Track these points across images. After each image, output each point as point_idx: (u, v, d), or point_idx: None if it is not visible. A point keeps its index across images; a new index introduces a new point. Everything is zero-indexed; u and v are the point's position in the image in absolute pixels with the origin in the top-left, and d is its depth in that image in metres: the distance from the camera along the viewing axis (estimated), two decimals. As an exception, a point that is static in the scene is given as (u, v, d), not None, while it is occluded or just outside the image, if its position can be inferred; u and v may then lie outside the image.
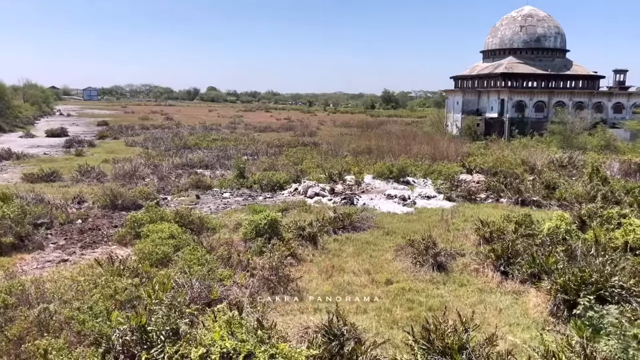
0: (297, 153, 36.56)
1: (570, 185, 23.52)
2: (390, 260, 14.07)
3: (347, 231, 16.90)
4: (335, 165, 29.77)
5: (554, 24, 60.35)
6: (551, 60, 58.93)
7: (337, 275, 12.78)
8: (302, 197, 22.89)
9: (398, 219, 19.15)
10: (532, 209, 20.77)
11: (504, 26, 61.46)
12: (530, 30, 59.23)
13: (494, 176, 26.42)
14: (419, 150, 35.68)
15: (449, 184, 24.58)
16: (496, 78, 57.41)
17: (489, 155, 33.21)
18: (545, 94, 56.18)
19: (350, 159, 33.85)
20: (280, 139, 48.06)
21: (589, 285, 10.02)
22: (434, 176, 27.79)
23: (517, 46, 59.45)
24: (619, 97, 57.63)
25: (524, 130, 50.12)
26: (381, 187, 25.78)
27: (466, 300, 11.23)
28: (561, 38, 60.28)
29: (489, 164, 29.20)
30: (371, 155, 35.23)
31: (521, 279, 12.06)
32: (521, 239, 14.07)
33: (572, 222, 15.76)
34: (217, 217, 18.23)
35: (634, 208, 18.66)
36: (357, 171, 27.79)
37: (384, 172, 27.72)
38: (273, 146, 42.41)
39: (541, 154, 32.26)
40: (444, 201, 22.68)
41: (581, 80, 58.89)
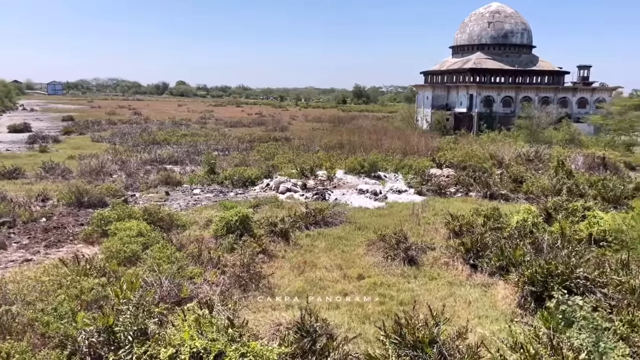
0: (268, 148, 36.36)
1: (536, 178, 24.05)
2: (362, 255, 14.13)
3: (319, 226, 16.90)
4: (307, 160, 29.71)
5: (520, 20, 61.48)
6: (518, 56, 60.06)
7: (310, 271, 12.76)
8: (274, 192, 22.77)
9: (370, 213, 19.24)
10: (500, 202, 21.16)
11: (472, 22, 62.28)
12: (497, 26, 60.20)
13: (464, 170, 26.82)
14: (390, 145, 35.91)
15: (419, 179, 24.83)
16: (465, 73, 58.22)
17: (458, 149, 33.67)
18: (512, 89, 57.25)
19: (322, 154, 33.83)
20: (252, 134, 47.73)
21: (555, 277, 10.26)
22: (405, 171, 28.03)
23: (485, 42, 60.36)
24: (583, 92, 59.18)
25: (492, 125, 51.02)
26: (353, 182, 25.87)
27: (437, 294, 11.36)
28: (527, 34, 61.46)
29: (459, 159, 29.61)
30: (343, 150, 35.30)
31: (490, 272, 12.26)
32: (490, 232, 14.32)
33: (539, 215, 16.12)
34: (187, 214, 17.98)
35: (597, 201, 19.24)
36: (329, 166, 27.79)
37: (356, 167, 27.83)
38: (244, 141, 42.05)
39: (509, 149, 32.90)
40: (414, 195, 22.90)
41: (547, 76, 60.22)
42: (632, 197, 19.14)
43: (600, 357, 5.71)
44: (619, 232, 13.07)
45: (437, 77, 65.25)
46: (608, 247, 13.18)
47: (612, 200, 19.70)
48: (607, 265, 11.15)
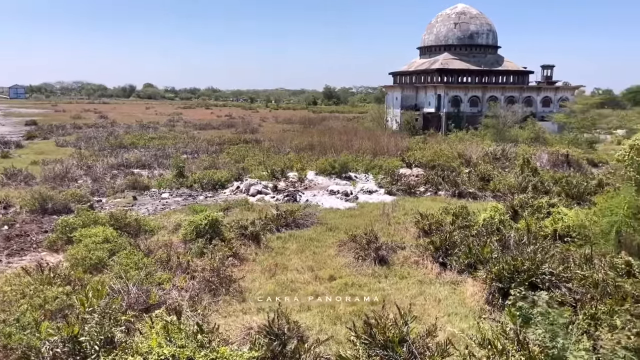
0: (238, 150, 36.10)
1: (503, 176, 24.55)
2: (333, 256, 14.15)
3: (291, 228, 16.86)
4: (278, 162, 29.61)
5: (485, 21, 62.71)
6: (484, 57, 61.23)
7: (281, 274, 12.71)
8: (245, 195, 22.61)
9: (341, 214, 19.30)
10: (468, 200, 21.52)
11: (439, 23, 63.21)
12: (463, 27, 61.26)
13: (433, 170, 27.17)
14: (361, 146, 36.11)
15: (389, 179, 25.03)
16: (433, 74, 59.03)
17: (427, 149, 34.09)
18: (479, 89, 58.32)
19: (292, 155, 33.77)
20: (221, 137, 47.30)
21: (522, 273, 10.48)
22: (375, 171, 28.23)
23: (451, 43, 61.33)
24: (547, 91, 60.73)
25: (460, 125, 51.87)
26: (324, 183, 25.90)
27: (407, 293, 11.46)
28: (493, 35, 62.73)
29: (428, 158, 29.99)
30: (314, 151, 35.31)
31: (459, 269, 12.44)
32: (458, 231, 14.54)
33: (506, 212, 16.45)
34: (156, 219, 17.68)
35: (561, 197, 19.73)
36: (300, 168, 27.78)
37: (327, 168, 27.88)
38: (214, 144, 41.66)
39: (476, 147, 33.49)
40: (385, 195, 23.07)
41: (512, 76, 61.58)
42: (595, 193, 19.67)
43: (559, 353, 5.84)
44: (582, 228, 13.44)
45: (405, 78, 65.97)
46: (572, 242, 13.53)
47: (576, 196, 20.25)
48: (572, 260, 11.44)
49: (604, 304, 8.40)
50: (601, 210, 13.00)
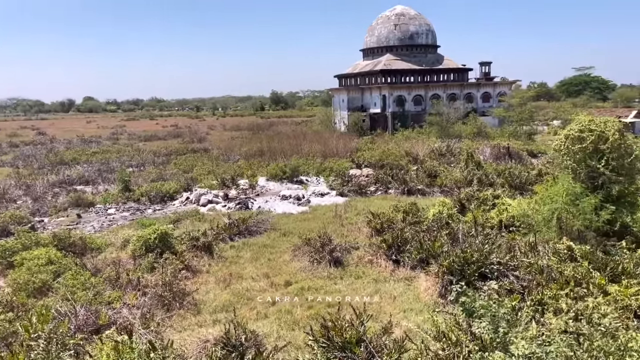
0: (186, 160, 35.42)
1: (449, 172, 25.24)
2: (288, 261, 14.09)
3: (244, 236, 16.69)
4: (228, 170, 29.28)
5: (424, 22, 64.34)
6: (425, 56, 62.77)
7: (236, 283, 12.55)
8: (195, 205, 22.19)
9: (294, 218, 19.27)
10: (417, 197, 21.98)
11: (379, 25, 64.33)
12: (403, 28, 62.61)
13: (382, 169, 27.59)
14: (310, 149, 36.23)
15: (340, 180, 25.23)
16: (377, 75, 59.97)
17: (375, 149, 34.61)
18: (422, 88, 59.73)
19: (242, 162, 33.48)
20: (168, 147, 46.26)
21: (471, 265, 10.78)
22: (326, 173, 28.38)
23: (393, 44, 62.54)
24: (486, 87, 62.93)
25: (406, 123, 52.93)
26: (275, 188, 25.80)
27: (363, 292, 11.56)
28: (432, 35, 64.44)
29: (376, 158, 30.45)
30: (264, 157, 35.12)
31: (412, 265, 12.67)
32: (409, 227, 14.82)
33: (453, 206, 16.92)
34: (102, 236, 17.06)
35: (505, 188, 20.50)
36: (251, 174, 27.56)
37: (278, 174, 27.79)
38: (160, 155, 40.70)
39: (422, 145, 34.29)
40: (337, 197, 23.22)
41: (452, 74, 63.42)
42: (535, 182, 20.53)
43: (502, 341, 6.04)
44: (526, 217, 13.98)
45: (351, 80, 66.71)
46: (517, 231, 14.07)
47: (518, 187, 21.08)
48: (517, 249, 11.90)
49: (550, 289, 8.77)
50: (542, 199, 13.58)
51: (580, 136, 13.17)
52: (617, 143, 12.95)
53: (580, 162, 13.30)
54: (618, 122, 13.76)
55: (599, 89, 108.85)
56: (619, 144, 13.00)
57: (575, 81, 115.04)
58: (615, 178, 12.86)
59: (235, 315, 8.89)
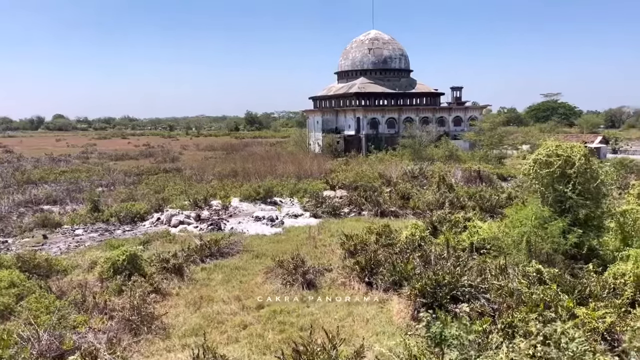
0: (158, 180, 34.93)
1: (422, 194, 25.49)
2: (260, 283, 13.92)
3: (216, 258, 16.46)
4: (200, 190, 28.96)
5: (397, 47, 65.68)
6: (398, 80, 63.93)
7: (206, 306, 12.31)
8: (166, 226, 21.83)
9: (267, 240, 19.13)
10: (390, 219, 22.08)
11: (354, 49, 65.39)
12: (377, 52, 63.77)
13: (355, 190, 27.71)
14: (285, 170, 36.20)
15: (314, 201, 25.21)
16: (351, 98, 60.72)
17: (349, 170, 34.81)
18: (395, 111, 60.67)
19: (215, 183, 33.19)
20: (140, 167, 45.63)
21: (443, 287, 10.83)
22: (300, 194, 28.34)
23: (367, 67, 63.59)
24: (458, 111, 64.32)
25: (379, 146, 53.51)
26: (249, 209, 25.61)
27: (335, 315, 11.47)
28: (405, 59, 65.78)
29: (350, 179, 30.60)
30: (237, 178, 34.91)
31: (384, 288, 12.66)
32: (382, 249, 14.85)
33: (426, 228, 17.05)
34: (69, 258, 16.58)
35: (476, 211, 20.78)
36: (224, 195, 27.31)
37: (251, 194, 27.62)
38: (131, 174, 40.06)
39: (395, 167, 34.64)
40: (310, 218, 23.17)
41: (425, 97, 64.65)
42: (505, 205, 20.91)
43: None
44: (496, 240, 14.16)
45: (325, 102, 67.32)
46: (488, 254, 14.21)
47: (489, 209, 21.43)
48: (488, 271, 12.02)
49: (519, 311, 8.86)
50: (512, 222, 13.79)
51: (548, 161, 13.52)
52: (583, 168, 13.33)
53: (548, 186, 13.63)
54: (584, 147, 14.19)
55: (565, 115, 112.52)
56: (585, 168, 13.39)
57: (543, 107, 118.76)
58: (582, 202, 13.21)
59: (205, 340, 8.70)
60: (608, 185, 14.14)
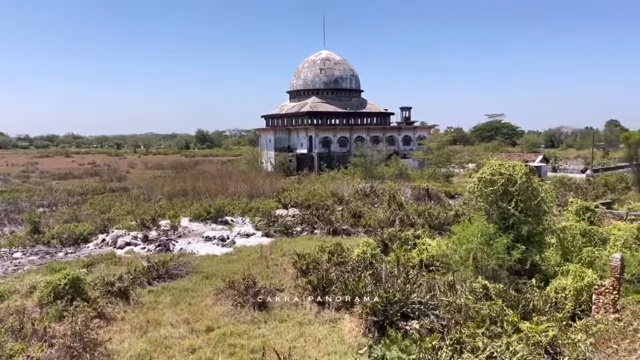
0: (103, 200, 33.75)
1: (373, 212, 25.81)
2: (210, 305, 13.62)
3: (164, 280, 16.01)
4: (149, 210, 28.20)
5: (348, 67, 66.89)
6: (349, 100, 64.97)
7: (153, 330, 11.91)
8: (111, 248, 21.08)
9: (218, 260, 18.79)
10: (342, 237, 22.20)
11: (305, 69, 66.08)
12: (328, 72, 64.70)
13: (308, 209, 27.72)
14: (236, 189, 35.81)
15: (266, 220, 25.04)
16: (303, 116, 61.13)
17: (302, 189, 34.81)
18: (347, 130, 61.51)
19: (164, 202, 32.40)
20: (84, 186, 43.98)
21: (394, 305, 10.94)
22: (252, 213, 28.08)
23: (318, 87, 64.34)
24: (407, 131, 65.93)
25: (332, 164, 53.97)
26: (199, 229, 25.12)
27: (287, 336, 11.34)
28: (356, 80, 67.03)
29: (303, 198, 30.61)
30: (187, 197, 34.22)
31: (336, 307, 12.66)
32: (334, 268, 14.87)
33: (377, 246, 17.23)
34: (6, 282, 15.67)
35: (425, 228, 21.21)
36: (173, 215, 26.67)
37: (202, 214, 27.14)
38: (75, 194, 38.56)
39: (347, 186, 34.96)
40: (262, 238, 22.97)
41: (375, 117, 65.95)
42: (453, 223, 21.43)
43: None
44: (444, 257, 14.50)
45: (277, 121, 67.44)
46: (436, 270, 14.52)
47: (437, 227, 21.92)
48: (437, 288, 12.25)
49: (467, 327, 9.05)
50: (459, 239, 14.16)
51: (492, 179, 14.03)
52: (524, 186, 13.91)
53: (492, 204, 14.12)
54: (525, 166, 14.82)
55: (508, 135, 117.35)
56: (526, 186, 13.97)
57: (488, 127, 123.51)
58: (524, 219, 13.75)
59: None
60: (548, 203, 14.80)
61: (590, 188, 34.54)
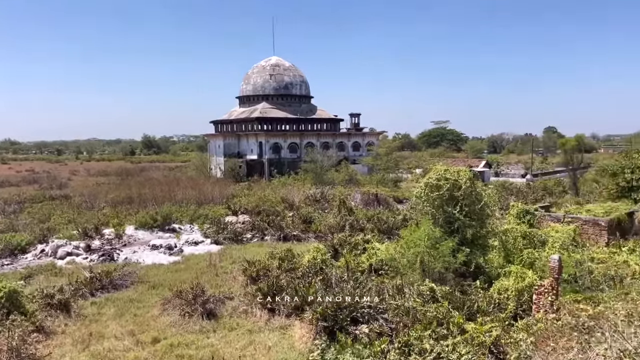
0: (43, 209, 32.23)
1: (323, 217, 25.93)
2: (157, 316, 13.25)
3: (108, 291, 15.48)
4: (91, 219, 27.17)
5: (298, 73, 67.08)
6: (299, 106, 65.13)
7: (96, 343, 11.47)
8: (51, 259, 20.13)
9: (165, 269, 18.32)
10: (293, 243, 22.17)
11: (255, 74, 65.76)
12: (278, 78, 64.66)
13: (258, 215, 27.50)
14: (184, 196, 35.05)
15: (215, 227, 24.65)
16: (253, 122, 60.74)
17: (252, 195, 34.52)
18: (297, 136, 61.60)
19: (108, 210, 31.31)
20: (22, 194, 41.82)
21: (344, 310, 11.01)
22: (201, 221, 27.57)
23: (268, 93, 64.16)
24: (356, 137, 66.76)
25: (282, 170, 53.83)
26: (145, 237, 24.43)
27: (236, 345, 11.19)
28: (305, 86, 67.30)
29: (253, 204, 30.34)
30: (133, 204, 33.20)
31: (287, 313, 12.61)
32: (285, 274, 14.82)
33: (327, 251, 17.31)
34: None
35: (374, 233, 21.50)
36: (117, 223, 25.80)
37: (148, 222, 26.39)
38: (12, 203, 36.58)
39: (298, 191, 34.96)
40: (211, 245, 22.59)
41: (325, 123, 66.38)
42: (401, 227, 21.82)
43: None
44: (393, 261, 14.72)
45: (227, 126, 66.70)
46: (385, 274, 14.73)
47: (386, 231, 22.26)
48: (386, 292, 12.40)
49: (415, 330, 9.22)
50: (407, 243, 14.41)
51: (438, 184, 14.40)
52: (469, 190, 14.36)
53: (438, 208, 14.48)
54: (469, 171, 15.30)
55: (453, 141, 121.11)
56: (470, 191, 14.42)
57: (434, 133, 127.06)
58: (469, 222, 14.18)
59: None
60: (491, 207, 15.32)
61: (530, 192, 36.05)
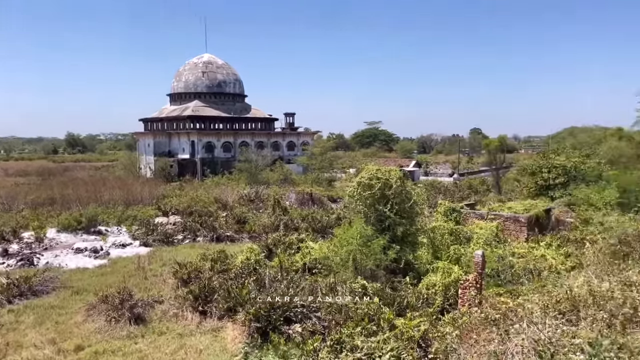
0: (-48, 212, 29.82)
1: (258, 217, 25.76)
2: (80, 322, 12.65)
3: (26, 298, 14.66)
4: (9, 221, 25.49)
5: (232, 72, 66.17)
6: (233, 104, 64.25)
7: (14, 354, 10.80)
8: (-38, 265, 18.69)
9: (90, 274, 17.53)
10: (226, 244, 21.87)
11: (187, 71, 64.18)
12: (211, 76, 63.46)
13: (190, 216, 26.88)
14: (112, 196, 33.60)
15: (144, 229, 23.85)
16: (185, 120, 59.25)
17: (184, 195, 33.68)
18: (230, 135, 60.74)
19: (28, 212, 29.48)
20: None
21: (277, 310, 10.98)
22: (129, 222, 26.58)
23: (201, 90, 62.82)
24: (291, 136, 66.79)
25: (216, 170, 52.87)
26: (69, 240, 23.23)
27: (166, 349, 10.88)
28: (239, 84, 66.50)
29: (185, 205, 29.61)
30: (55, 206, 31.43)
31: (219, 315, 12.43)
32: (217, 276, 14.60)
33: (261, 252, 17.23)
34: None
35: (309, 232, 21.62)
36: (38, 226, 24.31)
37: (71, 224, 25.11)
38: None
39: (232, 191, 34.50)
40: (140, 247, 21.84)
41: (260, 122, 65.92)
42: (335, 226, 22.07)
43: None
44: (326, 259, 14.88)
45: (157, 125, 64.66)
46: (319, 273, 14.85)
47: (320, 230, 22.45)
48: (319, 290, 12.49)
49: (347, 327, 9.35)
50: (340, 242, 14.62)
51: (370, 183, 14.70)
52: (399, 189, 14.76)
53: (370, 207, 14.78)
54: (400, 171, 15.74)
55: (385, 141, 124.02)
56: (401, 190, 14.83)
57: (367, 133, 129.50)
58: (399, 220, 14.58)
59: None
60: (420, 205, 15.84)
61: (456, 190, 37.60)
